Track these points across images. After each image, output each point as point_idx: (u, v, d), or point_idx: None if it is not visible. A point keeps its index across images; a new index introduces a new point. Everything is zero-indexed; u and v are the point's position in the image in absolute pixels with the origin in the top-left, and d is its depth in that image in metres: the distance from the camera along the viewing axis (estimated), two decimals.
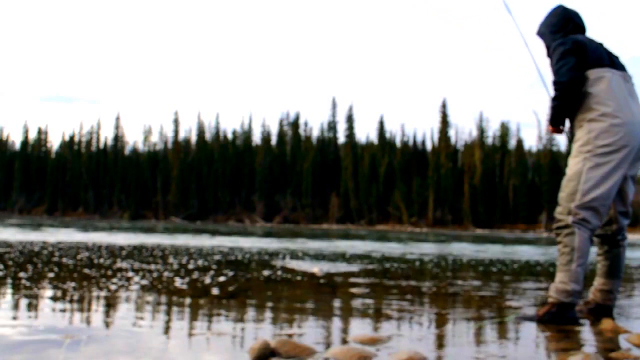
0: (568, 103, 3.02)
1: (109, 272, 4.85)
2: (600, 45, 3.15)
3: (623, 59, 3.21)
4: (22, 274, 4.50)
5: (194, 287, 4.05)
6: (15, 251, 7.23)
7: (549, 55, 3.24)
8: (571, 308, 2.93)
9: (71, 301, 3.24)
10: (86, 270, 4.97)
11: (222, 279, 4.62)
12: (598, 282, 3.20)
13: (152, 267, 5.53)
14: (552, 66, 3.09)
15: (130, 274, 4.78)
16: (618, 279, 3.17)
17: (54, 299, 3.32)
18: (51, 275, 4.54)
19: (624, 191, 3.07)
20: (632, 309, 3.65)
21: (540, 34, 3.35)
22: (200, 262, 6.31)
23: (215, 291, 3.82)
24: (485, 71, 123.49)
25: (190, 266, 5.76)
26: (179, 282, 4.27)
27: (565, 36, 3.18)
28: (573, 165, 2.99)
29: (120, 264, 5.79)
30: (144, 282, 4.23)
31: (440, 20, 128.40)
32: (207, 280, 4.49)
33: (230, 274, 5.07)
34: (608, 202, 2.95)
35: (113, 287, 3.89)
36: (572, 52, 3.04)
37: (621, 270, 3.18)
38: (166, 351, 2.14)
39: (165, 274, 4.89)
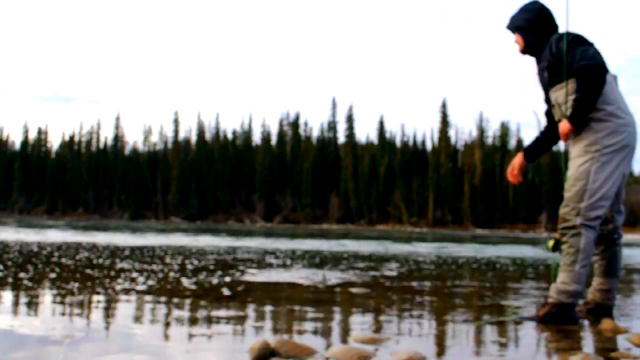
0: (600, 89, 2.84)
1: (112, 273, 4.85)
2: None
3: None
4: (22, 275, 4.50)
5: (195, 287, 4.05)
6: (14, 251, 7.23)
7: (525, 50, 3.17)
8: (571, 308, 2.94)
9: (73, 302, 3.25)
10: (88, 271, 4.97)
11: (218, 279, 4.62)
12: (596, 281, 3.21)
13: (154, 267, 5.53)
14: (564, 55, 2.93)
15: (134, 274, 4.78)
16: (616, 277, 3.18)
17: (56, 300, 3.32)
18: (52, 275, 4.54)
19: (619, 190, 3.08)
20: (632, 308, 3.66)
21: (515, 27, 3.18)
22: (196, 262, 6.31)
23: (215, 291, 3.82)
24: (485, 71, 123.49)
25: (189, 266, 5.76)
26: (178, 283, 4.28)
27: (545, 32, 3.11)
28: (579, 165, 2.94)
29: (121, 264, 5.79)
30: (148, 282, 4.24)
31: (440, 20, 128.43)
32: (208, 280, 4.49)
33: (230, 274, 5.07)
34: (612, 201, 2.96)
35: (116, 287, 3.89)
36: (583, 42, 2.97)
37: (619, 269, 3.19)
38: (166, 350, 2.14)
39: (166, 274, 4.89)
